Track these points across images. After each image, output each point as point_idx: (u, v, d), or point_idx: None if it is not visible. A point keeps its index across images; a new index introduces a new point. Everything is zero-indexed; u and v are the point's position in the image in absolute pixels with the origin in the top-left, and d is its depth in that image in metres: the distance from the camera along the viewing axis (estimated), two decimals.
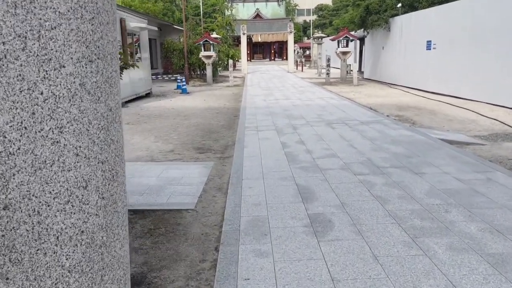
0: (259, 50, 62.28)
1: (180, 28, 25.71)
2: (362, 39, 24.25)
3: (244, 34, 31.33)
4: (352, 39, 21.88)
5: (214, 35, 25.04)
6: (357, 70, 21.06)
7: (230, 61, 25.24)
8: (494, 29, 11.72)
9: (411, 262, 2.95)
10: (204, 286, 2.84)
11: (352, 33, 22.58)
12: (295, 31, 41.08)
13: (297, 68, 34.49)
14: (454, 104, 12.00)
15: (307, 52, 49.86)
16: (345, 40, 21.12)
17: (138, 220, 3.94)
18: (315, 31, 41.37)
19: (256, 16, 59.95)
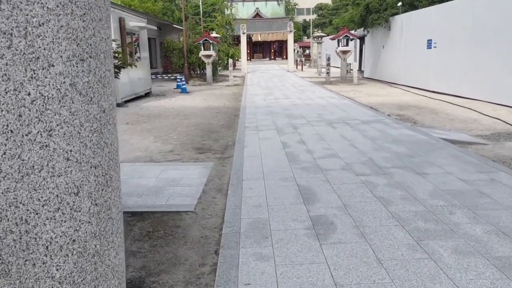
0: (259, 50, 62.19)
1: (180, 28, 25.62)
2: (362, 38, 24.17)
3: (244, 34, 31.24)
4: (352, 38, 21.79)
5: (214, 35, 24.96)
6: (357, 69, 20.97)
7: (230, 61, 25.14)
8: (495, 28, 11.64)
9: (416, 266, 2.88)
10: None
11: (352, 32, 22.50)
12: (295, 30, 40.99)
13: (297, 68, 34.40)
14: (456, 103, 11.93)
15: (307, 51, 49.76)
16: (345, 39, 21.04)
17: (137, 223, 3.87)
18: (315, 30, 41.27)
19: (256, 15, 59.88)
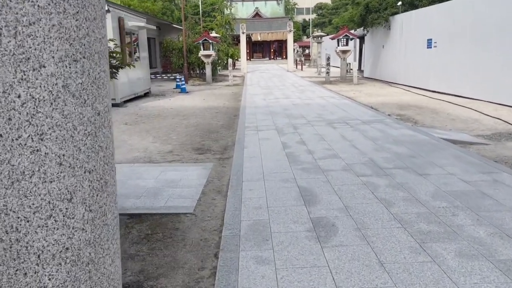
0: (259, 49, 62.12)
1: (179, 27, 25.56)
2: (362, 38, 24.11)
3: (244, 33, 31.17)
4: (352, 38, 21.73)
5: (214, 34, 24.88)
6: (357, 69, 20.91)
7: (230, 60, 25.04)
8: (495, 27, 11.59)
9: (419, 270, 2.83)
10: None
11: (352, 32, 22.44)
12: (295, 30, 40.90)
13: (297, 67, 34.34)
14: (456, 103, 11.88)
15: (307, 51, 49.70)
16: (345, 39, 20.99)
17: (135, 225, 3.82)
18: (315, 30, 41.20)
19: (256, 15, 59.82)
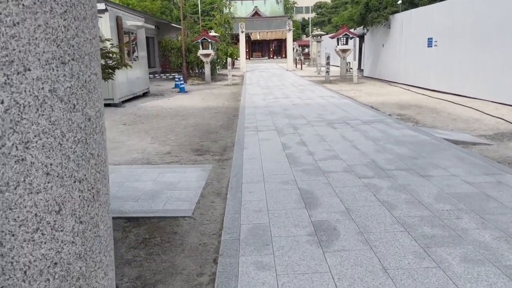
0: (258, 48, 61.99)
1: (178, 27, 25.46)
2: (362, 37, 24.02)
3: (243, 32, 31.05)
4: (352, 37, 21.64)
5: (213, 33, 24.80)
6: (357, 68, 20.82)
7: (229, 60, 25.01)
8: (496, 25, 11.52)
9: (424, 276, 2.75)
10: None
11: (352, 31, 22.35)
12: (294, 29, 40.82)
13: (296, 66, 34.24)
14: (457, 102, 11.80)
15: (306, 50, 49.60)
16: (345, 38, 20.90)
17: (132, 229, 3.74)
18: (314, 29, 41.11)
19: (255, 14, 59.68)
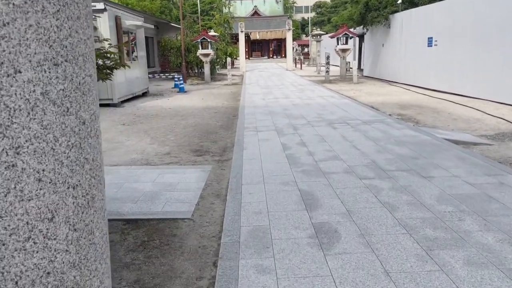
0: (257, 48, 61.96)
1: (178, 26, 25.40)
2: (362, 36, 23.97)
3: (242, 32, 31.01)
4: (352, 36, 21.58)
5: (212, 33, 24.75)
6: (357, 68, 20.77)
7: (228, 59, 24.93)
8: (496, 25, 11.47)
9: (427, 279, 2.71)
10: None
11: (352, 30, 22.29)
12: (294, 29, 40.74)
13: (296, 66, 34.19)
14: (457, 102, 11.76)
15: (306, 50, 49.54)
16: (345, 37, 20.84)
17: (131, 231, 3.69)
18: (314, 29, 41.05)
19: (254, 14, 59.61)
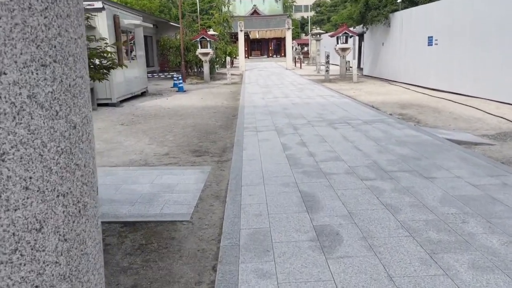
0: (257, 47, 61.89)
1: (177, 25, 25.32)
2: (361, 35, 23.90)
3: (242, 31, 30.94)
4: (352, 35, 21.51)
5: (211, 32, 24.68)
6: (357, 67, 20.71)
7: (228, 58, 24.84)
8: (495, 25, 11.40)
9: (431, 284, 2.64)
10: None
11: (351, 29, 22.22)
12: (293, 28, 40.65)
13: (296, 65, 34.11)
14: (458, 101, 11.70)
15: (305, 49, 49.45)
16: (345, 36, 20.77)
17: (129, 234, 3.63)
18: (313, 28, 40.96)
19: (254, 13, 59.48)
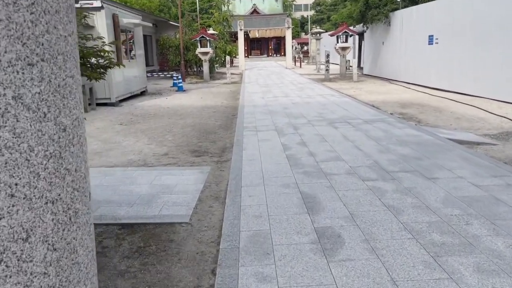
0: (257, 46, 61.78)
1: (176, 24, 25.23)
2: (361, 34, 23.82)
3: (241, 30, 30.85)
4: (352, 34, 21.44)
5: (211, 31, 24.61)
6: (357, 66, 20.65)
7: (227, 58, 24.76)
8: (495, 25, 11.33)
9: None
10: None
11: (351, 28, 22.15)
12: (293, 27, 40.53)
13: (296, 64, 34.03)
14: (459, 101, 11.63)
15: (305, 48, 49.34)
16: (345, 36, 20.70)
17: (126, 236, 3.56)
18: (313, 27, 40.87)
19: (253, 12, 59.35)
